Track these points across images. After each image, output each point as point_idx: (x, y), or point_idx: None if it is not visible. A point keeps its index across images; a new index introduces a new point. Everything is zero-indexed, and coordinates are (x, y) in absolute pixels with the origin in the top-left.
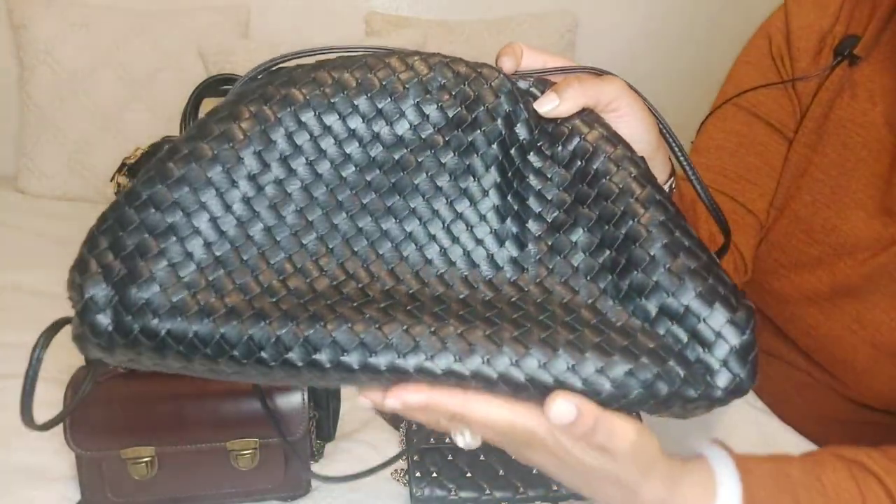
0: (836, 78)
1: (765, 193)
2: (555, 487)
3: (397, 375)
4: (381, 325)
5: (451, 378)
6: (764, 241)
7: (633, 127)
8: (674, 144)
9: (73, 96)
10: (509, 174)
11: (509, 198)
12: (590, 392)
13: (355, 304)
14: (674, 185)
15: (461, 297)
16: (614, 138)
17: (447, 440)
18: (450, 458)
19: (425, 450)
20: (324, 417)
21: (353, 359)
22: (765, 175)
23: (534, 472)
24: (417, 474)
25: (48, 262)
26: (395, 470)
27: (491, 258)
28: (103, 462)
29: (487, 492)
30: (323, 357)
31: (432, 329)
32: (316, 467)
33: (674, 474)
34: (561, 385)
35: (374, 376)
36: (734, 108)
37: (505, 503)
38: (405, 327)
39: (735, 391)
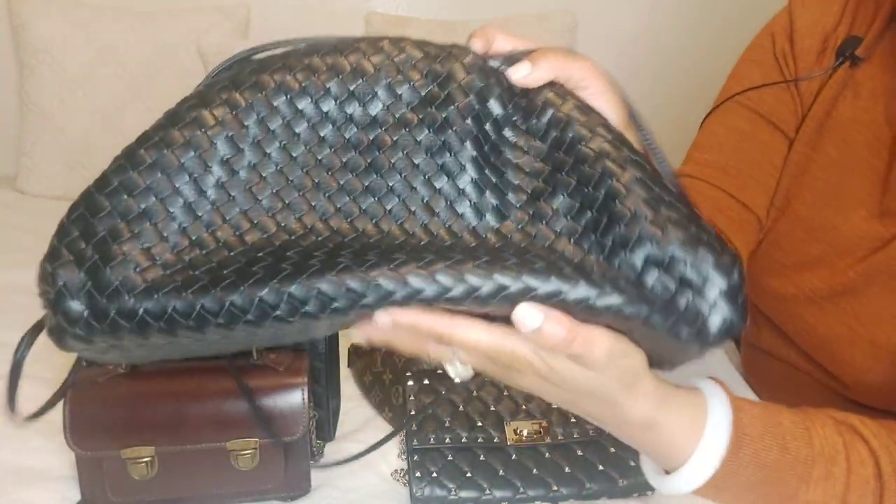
0: (838, 78)
1: (765, 191)
2: (555, 487)
3: (381, 305)
4: (367, 270)
5: (438, 299)
6: (764, 241)
7: (601, 106)
8: (641, 126)
9: (73, 96)
10: (486, 148)
11: (487, 171)
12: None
13: (332, 260)
14: None
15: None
16: (587, 108)
17: (447, 440)
18: (450, 458)
19: (425, 450)
20: (324, 417)
21: (341, 303)
22: (765, 173)
23: (534, 471)
24: (417, 474)
25: None
26: (396, 470)
27: (473, 230)
28: (103, 462)
29: (487, 492)
30: (311, 307)
31: (419, 265)
32: (316, 467)
33: (662, 395)
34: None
35: (362, 311)
36: (736, 105)
37: (505, 503)
38: (390, 266)
39: (727, 331)
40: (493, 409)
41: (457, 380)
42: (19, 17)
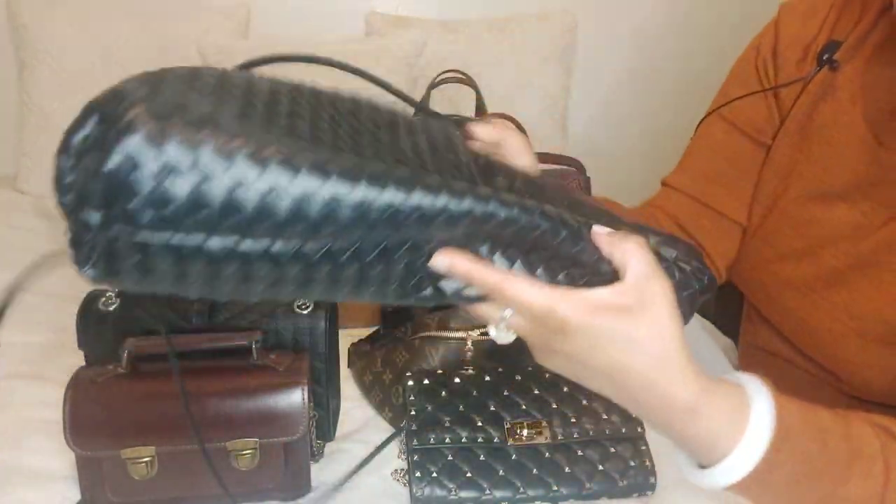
0: (818, 82)
1: (743, 201)
2: (555, 487)
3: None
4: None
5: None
6: (754, 237)
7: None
8: None
9: (73, 96)
10: None
11: None
12: None
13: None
14: None
15: None
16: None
17: (447, 440)
18: (450, 458)
19: (425, 450)
20: (324, 417)
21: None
22: (736, 179)
23: (534, 471)
24: (417, 474)
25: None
26: (395, 470)
27: None
28: (103, 462)
29: (487, 492)
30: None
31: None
32: (316, 467)
33: (704, 383)
34: None
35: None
36: (717, 117)
37: (505, 503)
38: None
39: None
40: (493, 409)
41: (498, 342)
42: (19, 17)
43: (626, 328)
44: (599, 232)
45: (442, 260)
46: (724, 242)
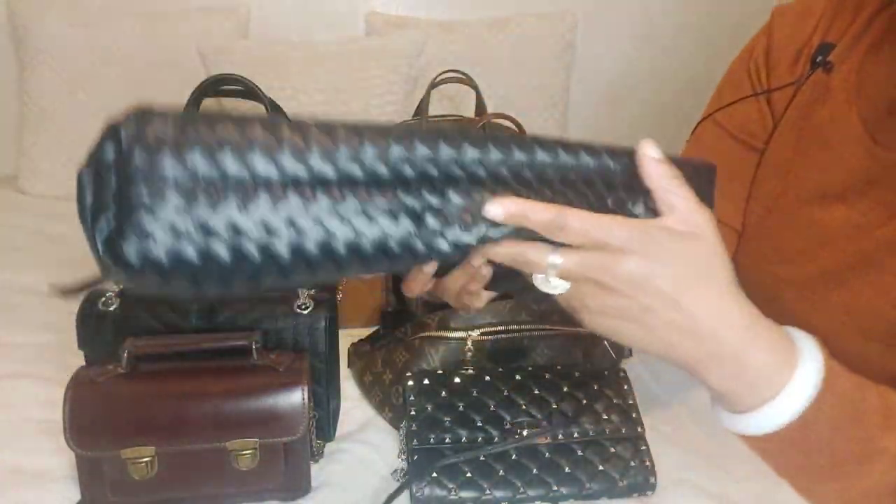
0: (813, 84)
1: (733, 201)
2: (555, 487)
3: None
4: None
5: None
6: (752, 238)
7: None
8: None
9: (74, 96)
10: None
11: None
12: None
13: None
14: None
15: None
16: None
17: (447, 440)
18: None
19: (425, 450)
20: (323, 417)
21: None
22: (728, 183)
23: (534, 471)
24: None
25: (48, 262)
26: (396, 470)
27: None
28: (103, 462)
29: (487, 492)
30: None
31: None
32: (316, 467)
33: (756, 313)
34: None
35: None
36: (710, 122)
37: (505, 503)
38: None
39: None
40: (492, 409)
41: (553, 293)
42: (19, 17)
43: (689, 248)
44: (650, 155)
45: (497, 206)
46: None
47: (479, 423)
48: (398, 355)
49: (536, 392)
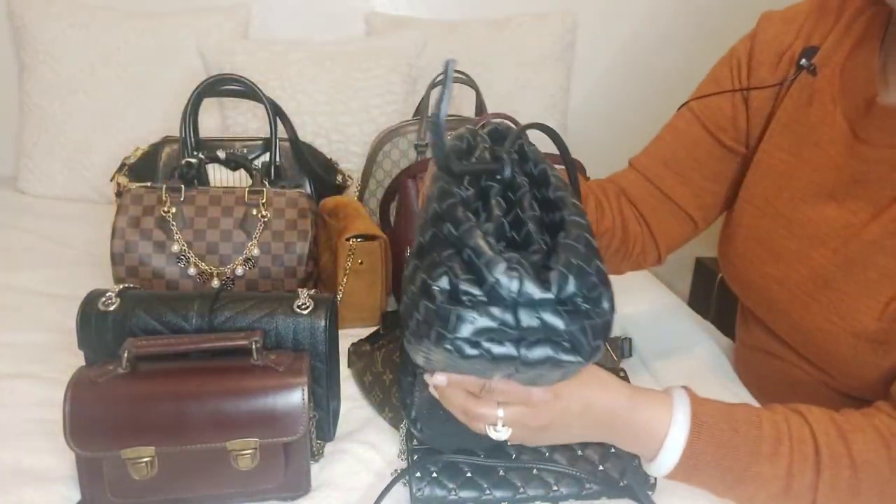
0: (799, 86)
1: (695, 193)
2: (555, 487)
3: None
4: None
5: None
6: (747, 239)
7: None
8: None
9: (73, 96)
10: None
11: None
12: None
13: None
14: None
15: None
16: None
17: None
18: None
19: (425, 450)
20: (323, 417)
21: None
22: (689, 169)
23: (534, 471)
24: (417, 474)
25: (48, 262)
26: (395, 470)
27: None
28: (103, 462)
29: (487, 492)
30: None
31: None
32: (316, 467)
33: (634, 390)
34: None
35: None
36: (687, 109)
37: (505, 503)
38: None
39: None
40: None
41: (497, 439)
42: (19, 18)
43: (580, 393)
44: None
45: (440, 378)
46: (667, 223)
47: None
48: (398, 355)
49: None
